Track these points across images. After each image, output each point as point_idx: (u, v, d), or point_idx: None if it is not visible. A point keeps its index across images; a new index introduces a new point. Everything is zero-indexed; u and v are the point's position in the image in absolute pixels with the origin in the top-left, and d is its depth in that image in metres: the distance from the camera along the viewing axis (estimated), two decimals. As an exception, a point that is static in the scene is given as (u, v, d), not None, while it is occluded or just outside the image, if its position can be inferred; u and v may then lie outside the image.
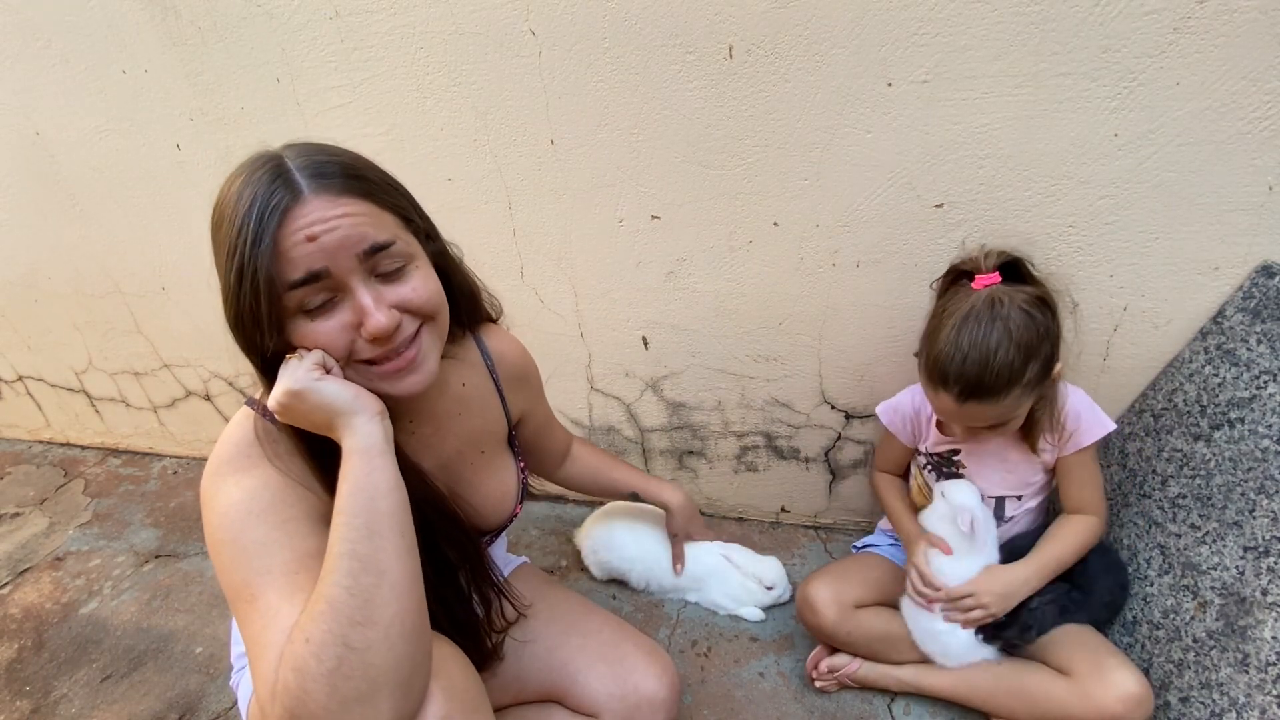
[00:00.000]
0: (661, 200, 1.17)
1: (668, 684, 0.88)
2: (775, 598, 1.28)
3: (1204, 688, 0.88)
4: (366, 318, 0.60)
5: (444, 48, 1.12)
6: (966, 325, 0.86)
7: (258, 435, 0.65)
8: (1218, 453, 0.93)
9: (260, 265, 0.55)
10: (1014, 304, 0.86)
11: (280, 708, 0.52)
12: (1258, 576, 0.85)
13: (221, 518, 0.62)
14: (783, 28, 0.97)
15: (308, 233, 0.57)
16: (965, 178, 1.00)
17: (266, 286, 0.56)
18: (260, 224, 0.56)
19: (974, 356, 0.84)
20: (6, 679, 1.33)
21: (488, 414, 0.89)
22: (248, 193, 0.57)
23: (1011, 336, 0.84)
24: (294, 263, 0.57)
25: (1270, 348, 0.90)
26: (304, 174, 0.58)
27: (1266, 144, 0.87)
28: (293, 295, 0.58)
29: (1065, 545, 0.98)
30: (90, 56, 1.36)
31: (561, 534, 1.55)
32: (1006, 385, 0.85)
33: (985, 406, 0.87)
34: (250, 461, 0.64)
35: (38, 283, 1.81)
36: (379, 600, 0.55)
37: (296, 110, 1.27)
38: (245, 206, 0.57)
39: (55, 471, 2.06)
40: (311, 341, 0.60)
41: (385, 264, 0.62)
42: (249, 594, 0.59)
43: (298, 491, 0.64)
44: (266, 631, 0.56)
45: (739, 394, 1.35)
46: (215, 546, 0.62)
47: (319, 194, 0.58)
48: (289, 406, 0.61)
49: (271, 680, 0.54)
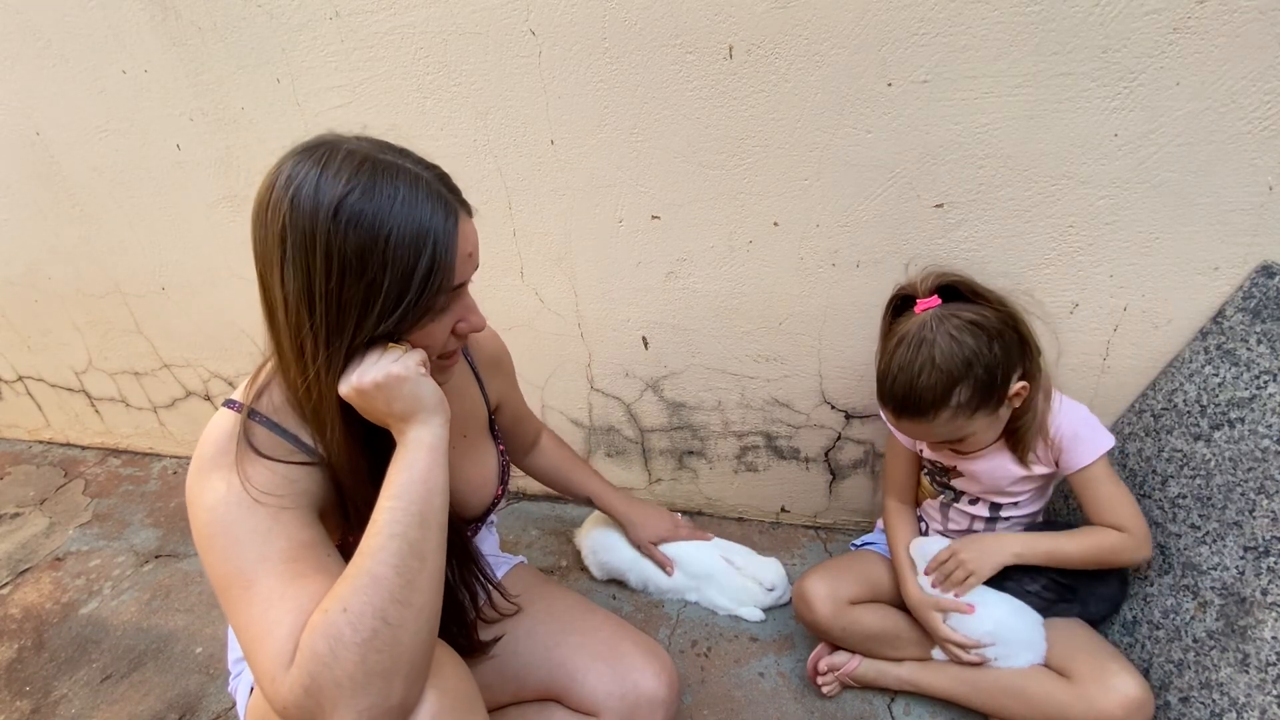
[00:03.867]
0: (661, 200, 1.17)
1: (667, 682, 0.88)
2: (775, 598, 1.28)
3: (1204, 688, 0.88)
4: (472, 317, 0.70)
5: (444, 48, 1.12)
6: (899, 349, 0.90)
7: (243, 433, 0.66)
8: (1218, 453, 0.93)
9: (445, 261, 0.62)
10: (942, 330, 0.88)
11: (304, 675, 0.53)
12: (1258, 576, 0.85)
13: (210, 512, 0.62)
14: (783, 28, 0.97)
15: (471, 249, 0.66)
16: (965, 178, 1.00)
17: (437, 279, 0.62)
18: (445, 228, 0.62)
19: (901, 379, 0.90)
20: (6, 679, 1.33)
21: (467, 399, 0.92)
22: (411, 197, 0.60)
23: (934, 362, 0.87)
24: (461, 271, 0.65)
25: (1270, 348, 0.90)
26: (449, 192, 0.65)
27: (1266, 144, 0.87)
28: (442, 298, 0.64)
29: (1072, 540, 0.96)
30: (90, 56, 1.36)
31: (561, 534, 1.55)
32: (932, 407, 0.88)
33: (919, 425, 0.92)
34: (236, 458, 0.64)
35: (38, 283, 1.82)
36: (419, 584, 0.58)
37: (296, 110, 1.27)
38: (415, 203, 0.60)
39: (55, 471, 2.07)
40: (429, 337, 0.66)
41: None
42: (244, 581, 0.59)
43: (286, 486, 0.65)
44: (271, 611, 0.57)
45: (739, 394, 1.35)
46: (206, 540, 0.62)
47: (465, 211, 0.67)
48: (381, 387, 0.62)
49: (285, 655, 0.55)
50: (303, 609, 0.57)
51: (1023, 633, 0.99)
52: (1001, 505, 1.04)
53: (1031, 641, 0.99)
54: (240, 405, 0.68)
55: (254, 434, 0.66)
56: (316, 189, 0.58)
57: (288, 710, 0.54)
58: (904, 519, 1.15)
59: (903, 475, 1.16)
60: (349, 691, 0.53)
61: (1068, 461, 0.95)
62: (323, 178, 0.58)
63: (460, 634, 0.84)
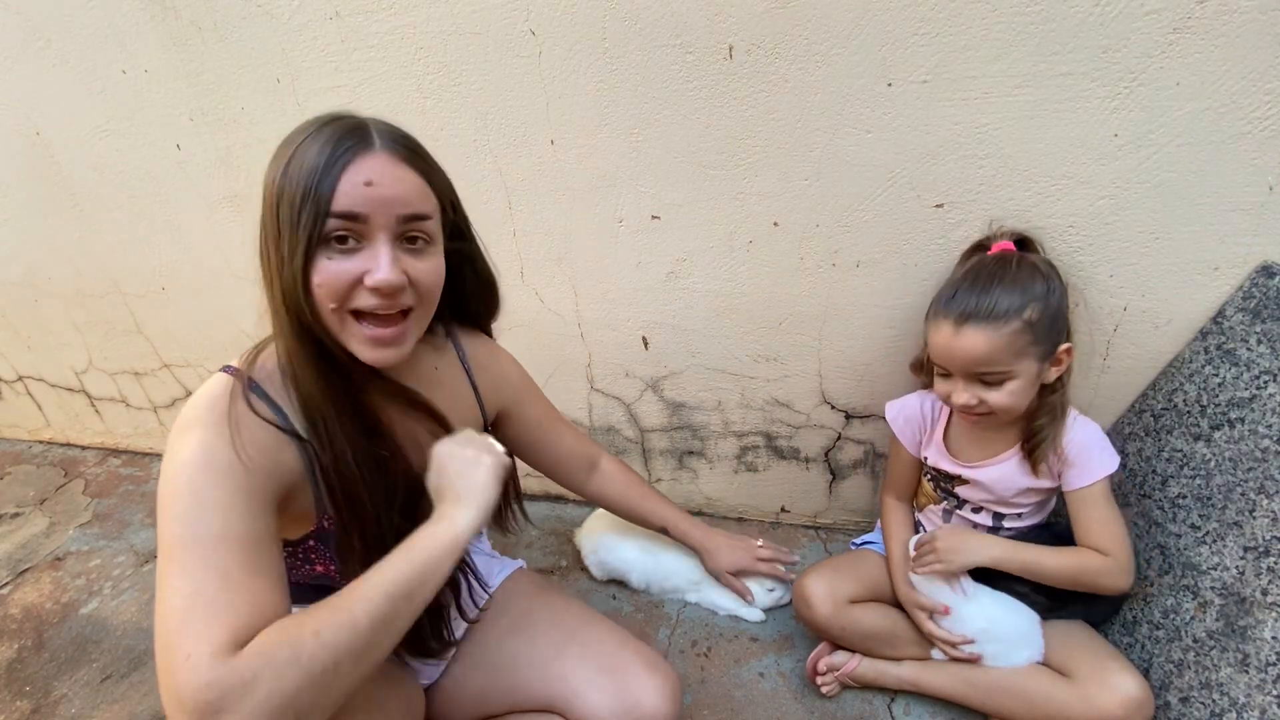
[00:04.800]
0: (661, 200, 1.17)
1: (669, 697, 0.86)
2: (776, 599, 1.28)
3: (1204, 688, 0.88)
4: (377, 269, 0.64)
5: (444, 48, 1.12)
6: (974, 268, 0.94)
7: (234, 397, 0.66)
8: (1218, 453, 0.93)
9: (323, 186, 0.61)
10: (1023, 259, 0.92)
11: (247, 671, 0.52)
12: (1258, 576, 0.85)
13: (182, 466, 0.61)
14: (783, 28, 0.97)
15: (367, 178, 0.63)
16: (965, 178, 1.00)
17: (314, 205, 0.61)
18: (334, 155, 0.62)
19: (980, 284, 0.90)
20: (6, 679, 1.33)
21: (459, 401, 0.90)
22: (329, 130, 0.64)
23: (1015, 278, 0.89)
24: (348, 196, 0.62)
25: (1270, 348, 0.90)
26: (379, 134, 0.66)
27: (1266, 144, 0.87)
28: (330, 223, 0.62)
29: (1054, 557, 0.95)
30: (90, 56, 1.36)
31: (561, 534, 1.55)
32: (1005, 315, 0.87)
33: (984, 333, 0.87)
34: (223, 420, 0.64)
35: (38, 283, 1.81)
36: (378, 648, 0.60)
37: (296, 110, 1.27)
38: (324, 139, 0.63)
39: (55, 471, 2.06)
40: (323, 276, 0.63)
41: (416, 233, 0.68)
42: (200, 551, 0.57)
43: (264, 455, 0.65)
44: (224, 594, 0.56)
45: (739, 394, 1.35)
46: (170, 494, 0.61)
47: (387, 151, 0.65)
48: (466, 461, 0.71)
49: (225, 641, 0.53)
50: (258, 607, 0.57)
51: (1017, 629, 0.99)
52: (1005, 516, 1.04)
53: (1028, 638, 0.99)
54: (236, 369, 0.69)
55: (248, 395, 0.67)
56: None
57: (198, 693, 0.51)
58: (900, 516, 1.16)
59: (904, 476, 1.16)
60: (265, 709, 0.52)
61: (1072, 477, 0.95)
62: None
63: (434, 633, 0.83)
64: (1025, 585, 1.00)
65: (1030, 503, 1.02)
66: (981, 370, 0.90)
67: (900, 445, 1.12)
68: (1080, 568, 0.94)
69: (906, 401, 1.11)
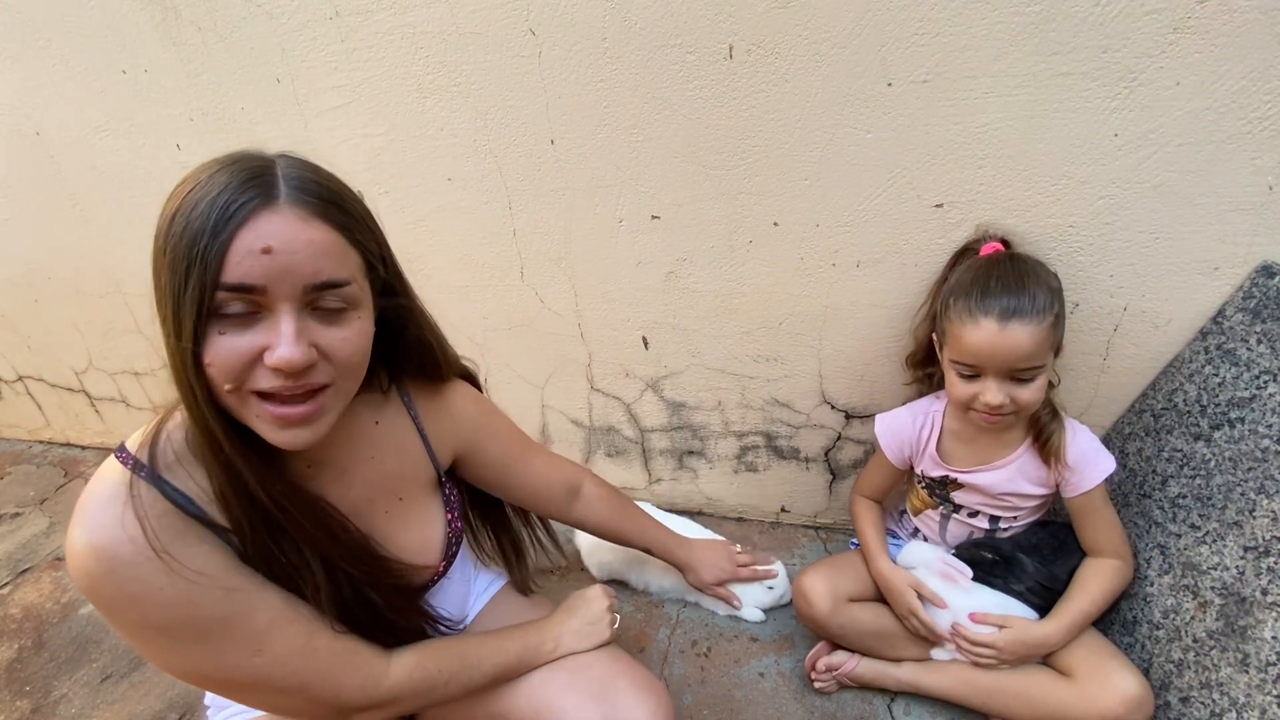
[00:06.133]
0: (661, 200, 1.17)
1: (662, 719, 0.83)
2: (776, 599, 1.28)
3: (1204, 688, 0.88)
4: (276, 347, 0.54)
5: (444, 48, 1.12)
6: (991, 267, 0.92)
7: (141, 504, 0.56)
8: (1218, 453, 0.93)
9: (210, 253, 0.51)
10: (1025, 257, 0.94)
11: (406, 688, 0.72)
12: (1258, 576, 0.85)
13: (171, 594, 0.55)
14: (783, 28, 0.97)
15: (265, 243, 0.53)
16: (965, 178, 1.00)
17: (200, 276, 0.51)
18: (225, 213, 0.52)
19: (1008, 283, 0.89)
20: (6, 679, 1.33)
21: (406, 456, 0.80)
22: (222, 178, 0.54)
23: (1034, 275, 0.90)
24: (239, 267, 0.52)
25: (1270, 348, 0.90)
26: (287, 183, 0.56)
27: (1266, 144, 0.87)
28: (219, 295, 0.53)
29: (1092, 599, 0.97)
30: (90, 56, 1.36)
31: (561, 534, 1.55)
32: (1042, 310, 0.88)
33: (1029, 328, 0.87)
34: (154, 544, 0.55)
35: (38, 283, 1.81)
36: (451, 695, 0.78)
37: (296, 110, 1.27)
38: (215, 191, 0.53)
39: (55, 471, 2.06)
40: (213, 354, 0.54)
41: (329, 301, 0.58)
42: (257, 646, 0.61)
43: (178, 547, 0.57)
44: (362, 660, 0.70)
45: (739, 394, 1.35)
46: (178, 635, 0.57)
47: (294, 205, 0.55)
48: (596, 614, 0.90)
49: (377, 678, 0.71)
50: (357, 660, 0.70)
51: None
52: (1000, 518, 1.04)
53: None
54: (137, 460, 0.58)
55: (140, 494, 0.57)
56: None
57: (385, 697, 0.71)
58: (870, 508, 1.18)
59: (879, 484, 1.17)
60: (388, 710, 0.73)
61: (1077, 482, 0.95)
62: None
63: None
64: (1024, 584, 1.00)
65: (1027, 506, 1.02)
66: (1022, 366, 0.88)
67: (884, 458, 1.11)
68: (1114, 588, 0.98)
69: (896, 415, 1.10)
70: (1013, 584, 1.01)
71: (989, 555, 1.04)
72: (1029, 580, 1.00)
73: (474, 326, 1.45)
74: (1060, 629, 0.96)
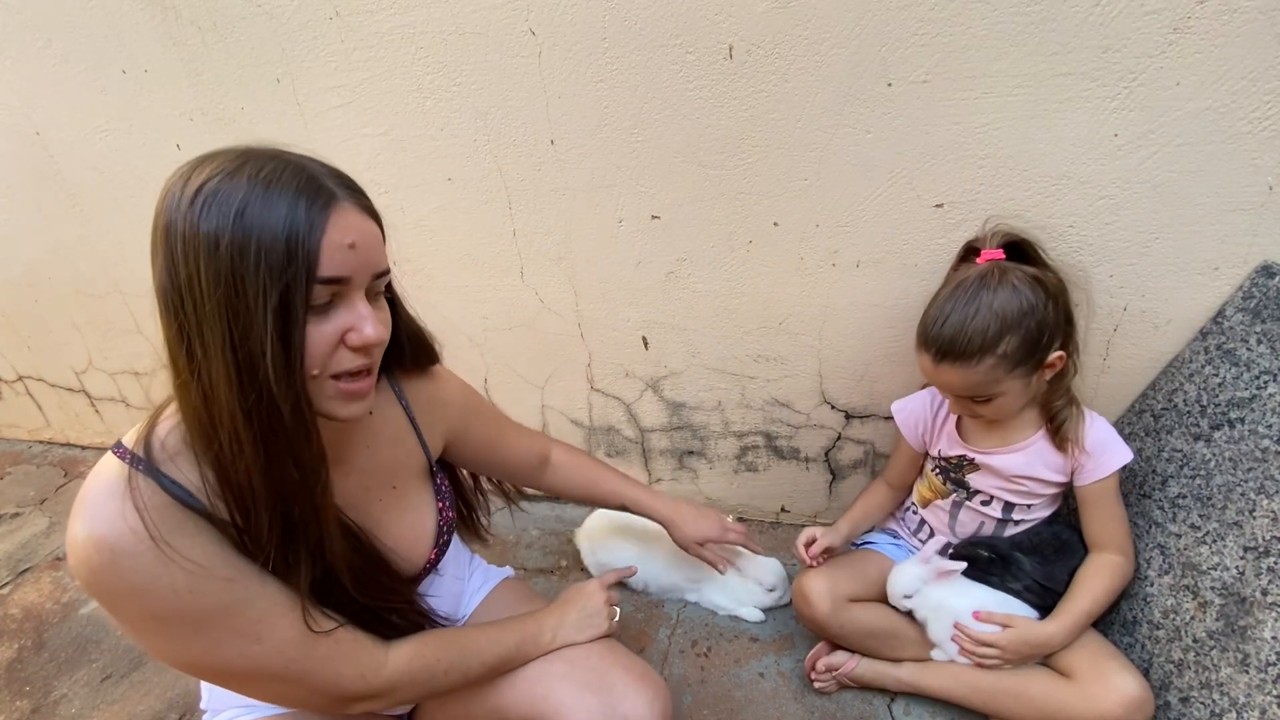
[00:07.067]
0: (661, 200, 1.17)
1: (659, 711, 0.83)
2: (775, 599, 1.28)
3: (1204, 688, 0.88)
4: (364, 326, 0.59)
5: (444, 48, 1.12)
6: (955, 292, 0.91)
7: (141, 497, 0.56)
8: (1218, 453, 0.93)
9: (309, 250, 0.54)
10: (1005, 279, 0.88)
11: (404, 676, 0.73)
12: (1258, 576, 0.85)
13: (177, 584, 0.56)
14: (783, 28, 0.97)
15: (351, 239, 0.58)
16: (965, 178, 1.00)
17: (303, 272, 0.54)
18: (309, 212, 0.55)
19: (953, 320, 0.89)
20: (6, 679, 1.33)
21: (399, 445, 0.83)
22: (281, 181, 0.55)
23: (991, 307, 0.87)
24: (333, 261, 0.56)
25: (1270, 348, 0.90)
26: (332, 180, 0.59)
27: (1266, 144, 0.87)
28: (317, 290, 0.56)
29: (1094, 598, 0.96)
30: (90, 56, 1.36)
31: (561, 534, 1.55)
32: (979, 352, 0.87)
33: (958, 370, 0.90)
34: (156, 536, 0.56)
35: (38, 283, 1.81)
36: (452, 686, 0.79)
37: (296, 110, 1.27)
38: (280, 192, 0.54)
39: (55, 471, 2.06)
40: (311, 344, 0.57)
41: (379, 286, 0.64)
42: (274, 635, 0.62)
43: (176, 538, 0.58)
44: (361, 649, 0.70)
45: (739, 394, 1.35)
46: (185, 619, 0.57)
47: (351, 201, 0.59)
48: (594, 608, 0.91)
49: (378, 664, 0.71)
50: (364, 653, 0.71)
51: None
52: (1015, 506, 1.04)
53: None
54: (137, 455, 0.59)
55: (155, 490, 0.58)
56: (186, 179, 0.56)
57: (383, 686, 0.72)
58: (877, 489, 1.20)
59: (902, 469, 1.17)
60: (387, 699, 0.73)
61: (1092, 468, 0.95)
62: (196, 170, 0.56)
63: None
64: (1020, 583, 1.00)
65: (1043, 495, 1.02)
66: (965, 395, 0.94)
67: (905, 442, 1.13)
68: (1109, 586, 0.97)
69: (915, 397, 1.12)
70: (1010, 582, 1.01)
71: (985, 553, 1.04)
72: (1026, 579, 1.00)
73: (474, 326, 1.45)
74: (1064, 629, 0.96)
